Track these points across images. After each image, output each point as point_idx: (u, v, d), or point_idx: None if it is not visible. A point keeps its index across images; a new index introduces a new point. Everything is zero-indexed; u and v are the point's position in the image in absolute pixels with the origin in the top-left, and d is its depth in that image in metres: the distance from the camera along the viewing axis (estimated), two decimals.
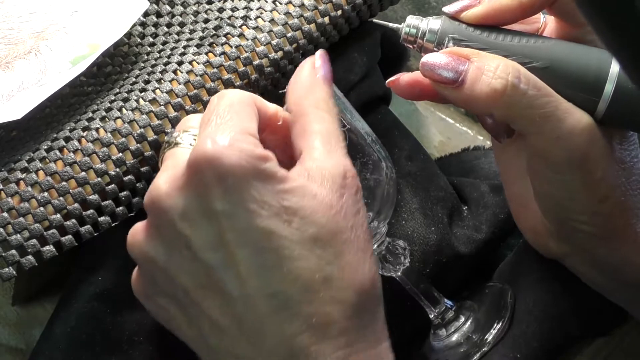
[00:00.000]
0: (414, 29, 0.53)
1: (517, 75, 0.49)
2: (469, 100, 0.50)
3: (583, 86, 0.49)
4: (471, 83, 0.49)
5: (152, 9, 0.67)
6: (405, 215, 0.66)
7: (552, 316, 0.60)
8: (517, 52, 0.50)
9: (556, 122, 0.49)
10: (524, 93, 0.48)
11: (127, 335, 0.59)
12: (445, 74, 0.50)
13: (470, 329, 0.60)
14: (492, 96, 0.49)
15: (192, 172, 0.45)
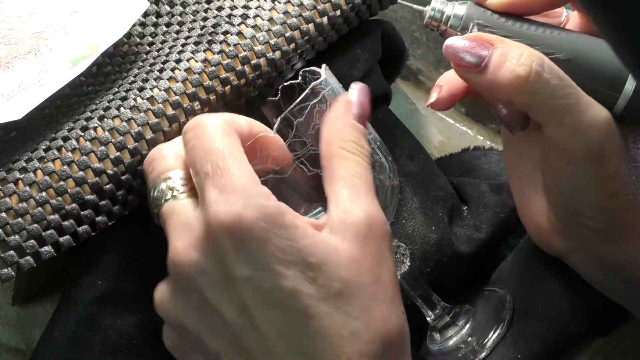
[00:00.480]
0: (439, 12, 0.53)
1: (541, 64, 0.49)
2: (491, 85, 0.50)
3: (604, 81, 0.49)
4: (494, 68, 0.49)
5: (151, 9, 0.67)
6: (405, 214, 0.66)
7: (552, 316, 0.60)
8: (541, 42, 0.50)
9: (577, 114, 0.49)
10: (546, 82, 0.48)
11: (127, 339, 0.59)
12: (469, 58, 0.50)
13: (468, 333, 0.60)
14: (515, 83, 0.49)
15: (212, 241, 0.45)
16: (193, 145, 0.48)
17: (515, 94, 0.49)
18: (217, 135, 0.48)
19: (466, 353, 0.59)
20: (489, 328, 0.60)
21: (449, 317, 0.60)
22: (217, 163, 0.46)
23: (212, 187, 0.46)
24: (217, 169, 0.46)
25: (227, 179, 0.46)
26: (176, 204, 0.49)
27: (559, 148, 0.50)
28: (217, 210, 0.45)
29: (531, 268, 0.63)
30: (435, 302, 0.60)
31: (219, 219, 0.45)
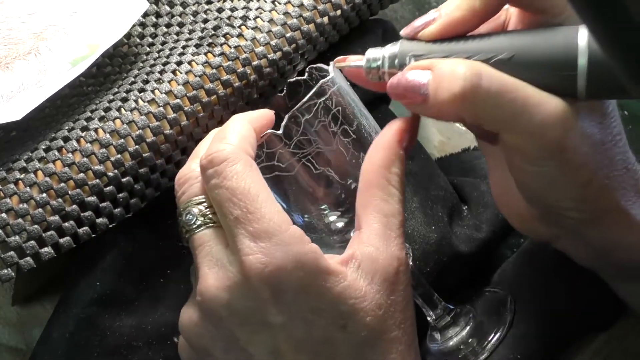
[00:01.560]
0: (375, 60, 0.51)
1: (477, 74, 0.46)
2: (437, 112, 0.48)
3: (555, 66, 0.46)
4: (434, 93, 0.47)
5: (151, 9, 0.67)
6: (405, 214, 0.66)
7: (553, 316, 0.60)
8: (480, 49, 0.48)
9: (527, 118, 0.46)
10: (487, 92, 0.46)
11: (126, 340, 0.59)
12: (413, 92, 0.48)
13: (468, 335, 0.60)
14: (455, 101, 0.46)
15: (247, 288, 0.46)
16: (216, 184, 0.48)
17: (459, 112, 0.47)
18: (241, 174, 0.47)
19: (466, 354, 0.59)
20: (490, 330, 0.60)
21: (450, 317, 0.60)
22: (247, 207, 0.46)
23: (245, 234, 0.46)
24: (247, 213, 0.46)
25: (259, 223, 0.46)
26: (207, 234, 0.48)
27: (517, 152, 0.49)
28: (255, 259, 0.45)
29: (534, 269, 0.63)
30: (436, 302, 0.60)
31: (257, 268, 0.45)
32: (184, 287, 0.62)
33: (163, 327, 0.60)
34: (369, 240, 0.48)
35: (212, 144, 0.49)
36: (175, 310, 0.61)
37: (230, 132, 0.49)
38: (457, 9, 0.48)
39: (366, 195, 0.49)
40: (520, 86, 0.46)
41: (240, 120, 0.51)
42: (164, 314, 0.60)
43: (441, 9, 0.49)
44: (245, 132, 0.50)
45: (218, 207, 0.48)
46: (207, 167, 0.48)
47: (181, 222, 0.50)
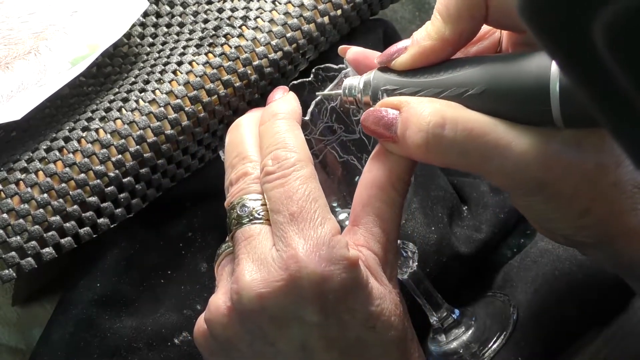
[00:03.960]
0: (350, 89, 0.50)
1: (440, 124, 0.44)
2: (406, 154, 0.47)
3: (528, 98, 0.44)
4: (401, 137, 0.46)
5: (151, 9, 0.67)
6: (405, 214, 0.66)
7: (556, 318, 0.60)
8: (451, 84, 0.46)
9: (498, 161, 0.44)
10: (452, 141, 0.44)
11: (126, 342, 0.59)
12: (382, 131, 0.47)
13: (470, 338, 0.60)
14: (420, 151, 0.45)
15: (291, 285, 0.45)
16: (279, 184, 0.48)
17: (427, 159, 0.46)
18: (305, 179, 0.47)
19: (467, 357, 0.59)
20: (492, 335, 0.60)
21: (452, 320, 0.60)
22: (303, 207, 0.46)
23: (297, 232, 0.46)
24: (302, 212, 0.46)
25: (313, 224, 0.46)
26: (256, 228, 0.48)
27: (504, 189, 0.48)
28: (305, 262, 0.45)
29: (537, 273, 0.63)
30: (439, 304, 0.60)
31: (306, 271, 0.45)
32: (185, 288, 0.62)
33: (163, 328, 0.60)
34: (369, 244, 0.48)
35: (278, 150, 0.49)
36: (176, 311, 0.61)
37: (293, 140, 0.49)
38: (428, 37, 0.47)
39: (367, 194, 0.49)
40: (489, 128, 0.44)
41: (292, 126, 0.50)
42: (164, 315, 0.60)
43: (414, 35, 0.48)
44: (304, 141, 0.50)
45: (274, 204, 0.47)
46: (273, 170, 0.48)
47: (232, 214, 0.49)
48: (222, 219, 0.66)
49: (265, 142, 0.50)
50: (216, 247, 0.64)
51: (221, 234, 0.65)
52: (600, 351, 0.62)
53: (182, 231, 0.63)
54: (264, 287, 0.46)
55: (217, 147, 0.62)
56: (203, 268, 0.63)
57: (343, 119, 0.53)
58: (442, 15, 0.46)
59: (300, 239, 0.45)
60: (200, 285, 0.62)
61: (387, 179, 0.48)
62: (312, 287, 0.45)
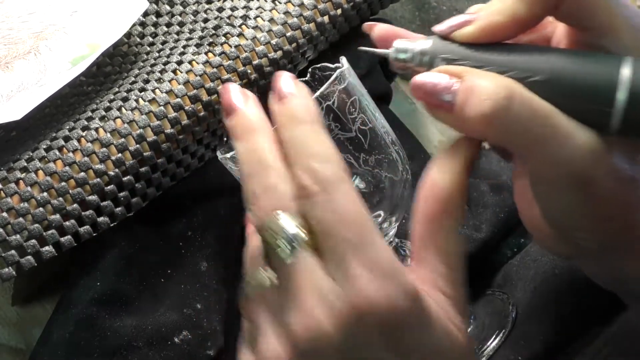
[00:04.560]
0: (403, 53, 0.48)
1: (509, 96, 0.43)
2: (461, 124, 0.45)
3: (592, 97, 0.44)
4: (460, 106, 0.44)
5: (151, 8, 0.67)
6: (405, 214, 0.66)
7: (555, 317, 0.60)
8: (515, 67, 0.45)
9: (555, 147, 0.44)
10: (517, 115, 0.43)
11: (126, 341, 0.59)
12: (437, 96, 0.45)
13: None
14: (482, 121, 0.43)
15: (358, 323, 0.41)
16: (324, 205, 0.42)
17: (484, 132, 0.44)
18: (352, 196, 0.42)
19: None
20: (491, 333, 0.60)
21: None
22: (361, 232, 0.41)
23: (359, 262, 0.41)
24: (362, 239, 0.41)
25: (376, 253, 0.41)
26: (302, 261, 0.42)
27: (540, 177, 0.46)
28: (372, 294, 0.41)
29: (537, 272, 0.63)
30: None
31: (374, 303, 0.41)
32: (185, 287, 0.62)
33: (163, 327, 0.60)
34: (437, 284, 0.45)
35: (313, 163, 0.43)
36: (176, 310, 0.61)
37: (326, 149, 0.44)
38: (498, 13, 0.45)
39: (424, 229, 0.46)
40: (552, 114, 0.44)
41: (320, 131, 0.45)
42: (164, 314, 0.60)
43: (480, 10, 0.46)
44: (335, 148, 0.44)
45: (324, 228, 0.42)
46: (313, 187, 0.42)
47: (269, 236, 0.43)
48: (222, 218, 0.66)
49: (293, 151, 0.44)
50: (216, 246, 0.64)
51: (221, 233, 0.65)
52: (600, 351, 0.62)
53: (182, 230, 0.63)
54: (329, 324, 0.41)
55: (217, 146, 0.62)
56: (203, 267, 0.63)
57: (339, 118, 0.53)
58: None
59: (362, 269, 0.41)
60: (200, 284, 0.62)
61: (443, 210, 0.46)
62: (380, 323, 0.41)
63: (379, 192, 0.54)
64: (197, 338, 0.61)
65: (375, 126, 0.54)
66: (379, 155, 0.54)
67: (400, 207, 0.56)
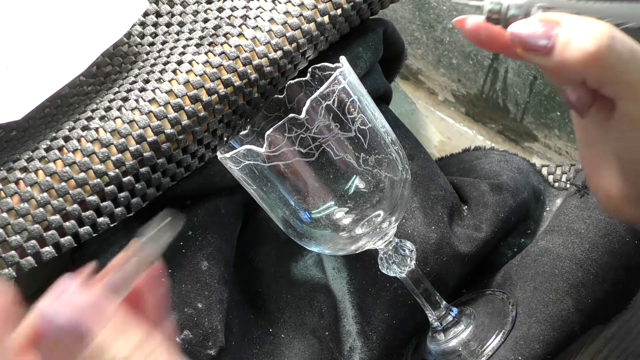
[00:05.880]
0: (498, 4, 0.49)
1: (612, 36, 0.45)
2: (561, 66, 0.46)
3: None
4: (562, 47, 0.46)
5: (151, 8, 0.67)
6: (405, 214, 0.66)
7: (554, 316, 0.60)
8: (609, 14, 0.47)
9: None
10: (619, 55, 0.45)
11: None
12: (535, 42, 0.46)
13: (469, 337, 0.60)
14: (585, 60, 0.45)
15: None
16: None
17: (586, 71, 0.46)
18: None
19: (466, 356, 0.59)
20: (491, 333, 0.60)
21: (451, 318, 0.60)
22: None
23: None
24: None
25: None
26: None
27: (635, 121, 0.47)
28: None
29: (537, 272, 0.63)
30: (438, 302, 0.60)
31: None
32: (185, 286, 0.62)
33: None
34: None
35: None
36: (177, 309, 0.61)
37: None
38: None
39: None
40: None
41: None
42: None
43: None
44: None
45: None
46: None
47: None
48: (223, 217, 0.66)
49: None
50: (216, 245, 0.64)
51: (222, 233, 0.65)
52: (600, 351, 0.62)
53: (183, 230, 0.63)
54: None
55: (217, 146, 0.62)
56: (204, 266, 0.63)
57: (339, 117, 0.53)
58: None
59: None
60: (201, 283, 0.62)
61: None
62: None
63: (379, 191, 0.54)
64: (198, 337, 0.61)
65: (375, 126, 0.54)
66: (379, 155, 0.54)
67: (400, 206, 0.56)
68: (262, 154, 0.52)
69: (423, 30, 0.88)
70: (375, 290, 0.65)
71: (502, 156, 0.76)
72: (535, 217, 0.73)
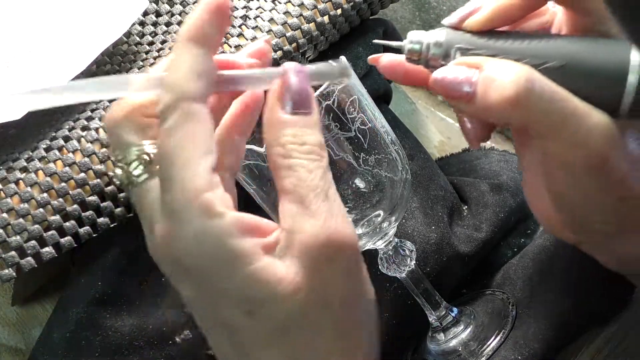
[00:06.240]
0: (417, 44, 0.49)
1: (530, 79, 0.45)
2: (483, 111, 0.46)
3: (604, 80, 0.46)
4: (483, 93, 0.45)
5: (151, 8, 0.67)
6: (405, 214, 0.66)
7: (553, 315, 0.60)
8: (530, 54, 0.47)
9: (573, 127, 0.45)
10: (538, 97, 0.45)
11: (127, 340, 0.59)
12: (457, 88, 0.46)
13: (469, 337, 0.60)
14: (506, 105, 0.45)
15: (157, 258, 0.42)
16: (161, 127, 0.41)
17: (508, 115, 0.46)
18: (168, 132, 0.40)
19: (466, 356, 0.59)
20: (491, 333, 0.60)
21: (451, 318, 0.60)
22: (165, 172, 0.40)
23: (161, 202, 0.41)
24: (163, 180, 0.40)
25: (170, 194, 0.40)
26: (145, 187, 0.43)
27: (558, 160, 0.48)
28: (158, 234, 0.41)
29: (535, 271, 0.63)
30: (438, 302, 0.60)
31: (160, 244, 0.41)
32: None
33: (164, 326, 0.60)
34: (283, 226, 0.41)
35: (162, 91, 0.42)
36: (177, 309, 0.61)
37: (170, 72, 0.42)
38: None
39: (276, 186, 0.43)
40: (570, 96, 0.45)
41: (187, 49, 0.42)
42: (165, 314, 0.60)
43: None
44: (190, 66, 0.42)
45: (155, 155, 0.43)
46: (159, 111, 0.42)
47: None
48: None
49: None
50: None
51: None
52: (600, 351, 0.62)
53: None
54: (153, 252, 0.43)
55: None
56: None
57: (339, 117, 0.53)
58: None
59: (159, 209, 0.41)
60: None
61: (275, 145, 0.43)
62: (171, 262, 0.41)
63: (379, 191, 0.54)
64: (199, 337, 0.61)
65: (375, 126, 0.54)
66: (379, 154, 0.54)
67: (400, 206, 0.56)
68: (262, 154, 0.52)
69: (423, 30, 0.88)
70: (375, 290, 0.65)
71: (502, 156, 0.76)
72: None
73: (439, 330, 0.61)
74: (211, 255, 0.40)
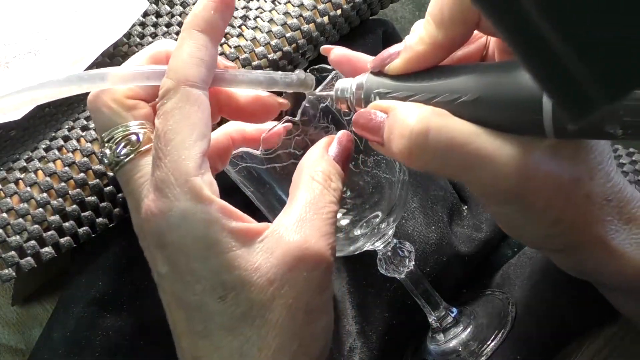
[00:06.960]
0: (343, 91, 0.50)
1: (424, 131, 0.44)
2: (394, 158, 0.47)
3: (520, 108, 0.44)
4: (387, 142, 0.45)
5: (151, 9, 0.67)
6: (405, 214, 0.66)
7: (552, 315, 0.60)
8: (444, 90, 0.46)
9: (478, 171, 0.44)
10: (434, 149, 0.44)
11: (128, 340, 0.59)
12: (369, 133, 0.46)
13: (469, 337, 0.60)
14: (403, 157, 0.45)
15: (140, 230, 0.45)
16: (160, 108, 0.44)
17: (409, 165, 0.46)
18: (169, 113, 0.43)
19: (466, 356, 0.59)
20: (490, 333, 0.60)
21: (451, 319, 0.60)
22: (160, 150, 0.43)
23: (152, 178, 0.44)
24: (157, 158, 0.43)
25: (161, 171, 0.43)
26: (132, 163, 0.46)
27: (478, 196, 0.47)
28: (146, 207, 0.43)
29: (533, 269, 0.63)
30: (438, 303, 0.60)
31: (146, 217, 0.43)
32: None
33: (166, 326, 0.60)
34: (281, 220, 0.45)
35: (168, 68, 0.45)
36: None
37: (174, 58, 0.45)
38: (420, 42, 0.46)
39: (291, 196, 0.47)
40: (471, 138, 0.44)
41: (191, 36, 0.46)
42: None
43: (406, 40, 0.47)
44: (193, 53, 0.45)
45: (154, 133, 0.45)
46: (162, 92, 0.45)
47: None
48: None
49: None
50: None
51: None
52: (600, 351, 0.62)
53: None
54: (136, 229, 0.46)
55: None
56: None
57: (336, 119, 0.53)
58: (436, 19, 0.46)
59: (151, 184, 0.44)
60: None
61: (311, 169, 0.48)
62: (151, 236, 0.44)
63: (377, 192, 0.55)
64: None
65: None
66: (377, 156, 0.54)
67: (398, 207, 0.56)
68: (260, 157, 0.52)
69: None
70: (375, 291, 0.65)
71: None
72: None
73: (439, 330, 0.61)
74: (194, 236, 0.42)
